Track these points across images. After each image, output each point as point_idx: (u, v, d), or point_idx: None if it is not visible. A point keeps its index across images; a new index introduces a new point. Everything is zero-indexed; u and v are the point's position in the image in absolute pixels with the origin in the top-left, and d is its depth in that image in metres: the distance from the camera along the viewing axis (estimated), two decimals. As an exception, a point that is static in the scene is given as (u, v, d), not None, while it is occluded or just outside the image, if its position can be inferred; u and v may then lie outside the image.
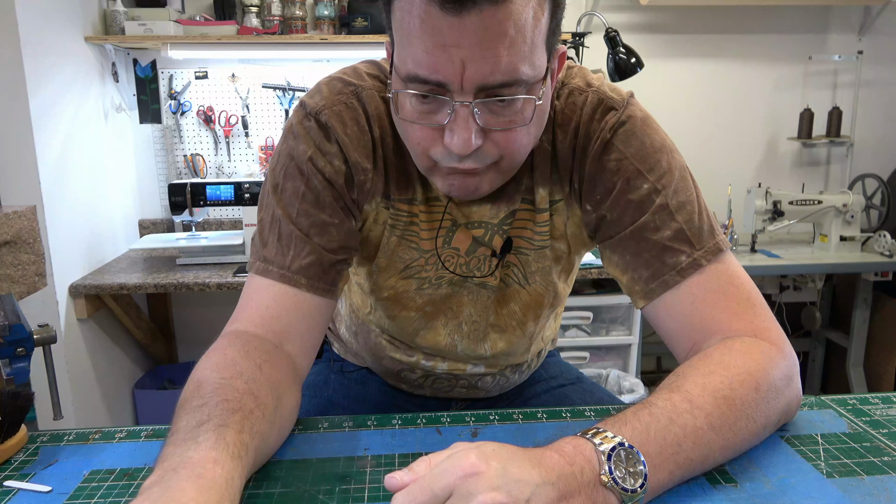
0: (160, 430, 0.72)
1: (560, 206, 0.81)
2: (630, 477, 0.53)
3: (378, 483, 0.61)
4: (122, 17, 2.28)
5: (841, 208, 2.46)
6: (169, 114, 2.57)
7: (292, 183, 0.76)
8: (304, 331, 0.75)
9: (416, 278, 0.85)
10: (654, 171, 0.74)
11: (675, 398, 0.60)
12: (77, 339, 2.11)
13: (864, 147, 2.83)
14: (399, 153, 0.79)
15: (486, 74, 0.61)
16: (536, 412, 0.75)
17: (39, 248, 1.47)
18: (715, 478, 0.61)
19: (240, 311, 0.75)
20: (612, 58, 2.34)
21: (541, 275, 0.86)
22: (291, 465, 0.64)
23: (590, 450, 0.54)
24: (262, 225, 0.77)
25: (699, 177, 0.79)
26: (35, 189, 1.91)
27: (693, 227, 0.73)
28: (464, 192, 0.71)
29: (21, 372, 0.86)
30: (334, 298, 0.77)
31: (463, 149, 0.65)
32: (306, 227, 0.75)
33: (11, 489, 0.61)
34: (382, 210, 0.81)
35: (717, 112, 2.78)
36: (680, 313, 0.73)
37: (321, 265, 0.75)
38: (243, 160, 2.63)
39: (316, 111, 0.76)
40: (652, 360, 2.99)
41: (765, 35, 2.72)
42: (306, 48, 2.40)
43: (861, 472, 0.62)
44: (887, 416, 0.74)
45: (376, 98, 0.78)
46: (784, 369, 0.67)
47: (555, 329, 1.05)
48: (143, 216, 2.65)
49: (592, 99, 0.77)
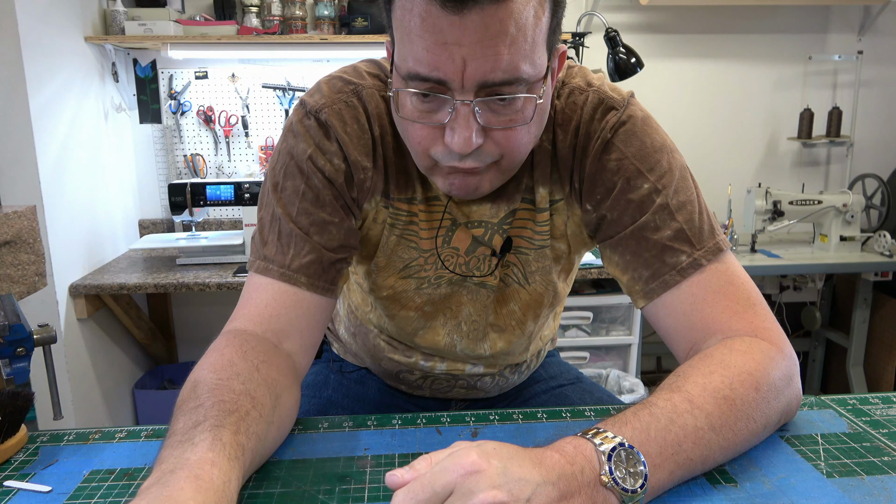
0: (160, 429, 0.72)
1: (560, 205, 0.81)
2: (630, 477, 0.53)
3: (378, 483, 0.61)
4: (122, 17, 2.28)
5: (841, 208, 2.46)
6: (169, 114, 2.57)
7: (292, 181, 0.76)
8: (304, 329, 0.75)
9: (415, 278, 0.85)
10: (654, 170, 0.74)
11: (676, 398, 0.60)
12: (77, 339, 2.11)
13: (864, 147, 2.83)
14: (399, 152, 0.79)
15: (487, 72, 0.61)
16: (536, 412, 0.75)
17: (39, 248, 1.47)
18: (715, 478, 0.61)
19: (240, 309, 0.75)
20: (612, 58, 2.34)
21: (540, 274, 0.86)
22: (291, 465, 0.64)
23: (590, 450, 0.54)
24: (262, 224, 0.77)
25: (699, 177, 0.79)
26: (35, 189, 1.91)
27: (693, 227, 0.73)
28: (464, 191, 0.71)
29: (21, 372, 0.87)
30: (334, 297, 0.77)
31: (464, 147, 0.65)
32: (306, 226, 0.75)
33: (11, 489, 0.61)
34: (382, 209, 0.81)
35: (716, 112, 2.78)
36: (680, 313, 0.73)
37: (321, 264, 0.75)
38: (243, 160, 2.63)
39: (316, 110, 0.76)
40: (652, 360, 2.99)
41: (765, 35, 2.72)
42: (306, 48, 2.40)
43: (861, 472, 0.62)
44: (887, 416, 0.74)
45: (376, 97, 0.78)
46: (784, 369, 0.67)
47: (554, 328, 1.05)
48: (143, 216, 2.65)
49: (593, 98, 0.77)
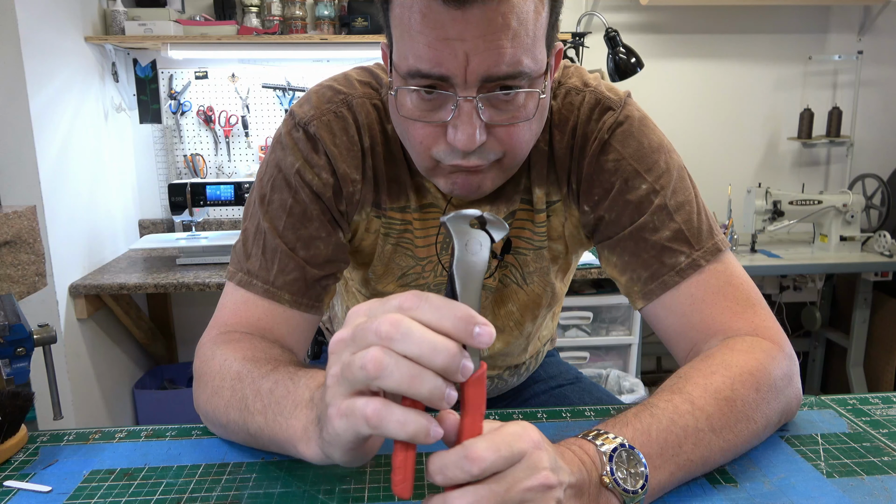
0: (160, 429, 0.72)
1: (557, 206, 0.81)
2: (631, 478, 0.53)
3: (378, 483, 0.61)
4: (122, 17, 2.28)
5: (841, 208, 2.46)
6: (169, 114, 2.57)
7: (280, 195, 0.75)
8: (293, 345, 0.75)
9: (414, 286, 0.85)
10: (652, 171, 0.74)
11: (677, 399, 0.60)
12: (77, 339, 2.11)
13: (864, 147, 2.83)
14: (390, 161, 0.78)
15: (491, 66, 0.61)
16: (536, 412, 0.75)
17: (39, 248, 1.47)
18: (715, 478, 0.61)
19: (229, 318, 0.75)
20: (612, 58, 2.34)
21: (538, 275, 0.85)
22: (291, 465, 0.64)
23: (592, 451, 0.54)
24: (247, 235, 0.77)
25: (699, 177, 0.79)
26: (35, 189, 1.91)
27: (692, 228, 0.73)
28: (467, 190, 0.71)
29: (21, 372, 0.87)
30: (319, 314, 0.77)
31: (467, 144, 0.64)
32: (292, 242, 0.75)
33: (11, 489, 0.61)
34: (374, 219, 0.81)
35: (717, 112, 2.78)
36: (679, 314, 0.73)
37: (305, 281, 0.75)
38: (243, 160, 2.63)
39: (305, 122, 0.76)
40: (652, 360, 2.99)
41: (765, 35, 2.72)
42: (306, 48, 2.40)
43: (861, 472, 0.62)
44: (887, 416, 0.74)
45: (367, 106, 0.77)
46: (785, 368, 0.67)
47: (552, 329, 1.05)
48: (143, 216, 2.65)
49: (590, 99, 0.77)
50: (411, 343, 0.41)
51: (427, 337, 0.41)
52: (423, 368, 0.41)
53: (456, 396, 0.42)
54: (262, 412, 0.59)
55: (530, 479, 0.45)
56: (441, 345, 0.41)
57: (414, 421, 0.41)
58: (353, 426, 0.43)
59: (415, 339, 0.41)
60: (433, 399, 0.41)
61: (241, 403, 0.62)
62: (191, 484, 0.61)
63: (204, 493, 0.60)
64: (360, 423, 0.42)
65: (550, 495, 0.45)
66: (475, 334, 0.41)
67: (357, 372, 0.42)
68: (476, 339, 0.41)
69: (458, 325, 0.41)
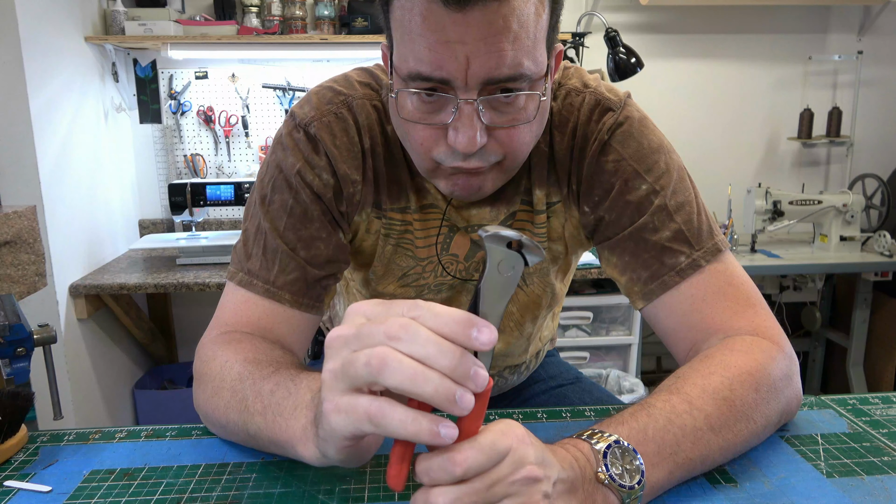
0: (160, 429, 0.72)
1: (558, 207, 0.81)
2: (627, 474, 0.53)
3: (378, 483, 0.61)
4: (122, 17, 2.28)
5: (841, 208, 2.46)
6: (169, 114, 2.57)
7: (280, 196, 0.75)
8: (293, 344, 0.75)
9: (415, 286, 0.85)
10: (652, 171, 0.74)
11: (674, 399, 0.60)
12: (77, 339, 2.11)
13: (863, 147, 2.83)
14: (390, 162, 0.79)
15: (492, 69, 0.61)
16: (536, 412, 0.75)
17: (39, 248, 1.47)
18: (715, 478, 0.61)
19: (230, 317, 0.75)
20: (612, 58, 2.34)
21: (539, 276, 0.85)
22: (291, 465, 0.64)
23: (586, 448, 0.54)
24: (247, 235, 0.77)
25: (699, 177, 0.79)
26: (35, 189, 1.91)
27: (692, 228, 0.73)
28: (467, 191, 0.71)
29: (21, 372, 0.87)
30: (319, 314, 0.77)
31: (468, 147, 0.64)
32: (293, 242, 0.75)
33: (11, 489, 0.61)
34: (374, 220, 0.81)
35: (716, 112, 2.78)
36: (679, 314, 0.73)
37: (306, 281, 0.75)
38: (243, 160, 2.63)
39: (305, 123, 0.76)
40: (652, 360, 2.99)
41: (764, 35, 2.72)
42: (306, 48, 2.40)
43: (861, 472, 0.62)
44: (887, 416, 0.74)
45: (367, 107, 0.77)
46: (784, 368, 0.68)
47: (553, 329, 1.05)
48: (143, 216, 2.65)
49: (590, 100, 0.77)
50: (417, 344, 0.41)
51: (433, 339, 0.41)
52: (428, 368, 0.41)
53: (472, 400, 0.42)
54: (262, 413, 0.59)
55: (515, 473, 0.45)
56: (447, 347, 0.41)
57: (415, 420, 0.41)
58: (353, 422, 0.43)
59: (421, 340, 0.41)
60: (438, 398, 0.41)
61: (242, 404, 0.62)
62: (191, 484, 0.61)
63: (204, 493, 0.60)
64: (362, 420, 0.42)
65: (536, 488, 0.46)
66: (473, 336, 0.41)
67: (360, 368, 0.42)
68: (475, 341, 0.41)
69: (455, 329, 0.42)
